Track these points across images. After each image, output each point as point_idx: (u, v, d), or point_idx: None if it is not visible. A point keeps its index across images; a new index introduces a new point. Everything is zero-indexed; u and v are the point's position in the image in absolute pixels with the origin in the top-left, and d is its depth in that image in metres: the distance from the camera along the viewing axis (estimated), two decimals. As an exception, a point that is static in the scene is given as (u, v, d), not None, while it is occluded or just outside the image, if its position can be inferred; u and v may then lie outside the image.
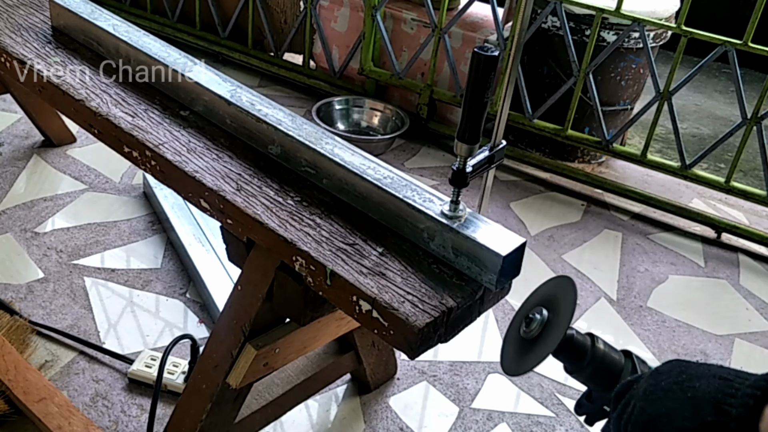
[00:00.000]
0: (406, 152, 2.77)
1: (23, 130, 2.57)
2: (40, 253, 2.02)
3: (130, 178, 2.38)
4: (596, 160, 2.83)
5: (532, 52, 2.65)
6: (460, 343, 1.88)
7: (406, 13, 2.82)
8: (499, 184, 2.62)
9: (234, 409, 1.34)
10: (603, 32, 2.46)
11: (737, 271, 2.33)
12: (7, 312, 1.78)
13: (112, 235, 2.12)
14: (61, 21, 1.61)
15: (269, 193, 1.17)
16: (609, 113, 2.65)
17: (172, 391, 1.64)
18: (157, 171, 1.25)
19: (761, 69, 3.45)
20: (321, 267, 1.03)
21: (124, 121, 1.31)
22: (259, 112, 1.27)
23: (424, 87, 2.76)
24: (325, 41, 2.96)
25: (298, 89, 3.11)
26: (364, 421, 1.66)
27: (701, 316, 2.11)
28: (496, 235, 1.02)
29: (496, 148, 1.13)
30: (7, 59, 1.51)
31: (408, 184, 1.12)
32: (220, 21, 3.14)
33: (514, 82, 1.19)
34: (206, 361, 1.29)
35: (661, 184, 2.73)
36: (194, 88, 1.35)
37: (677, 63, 2.30)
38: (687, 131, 3.49)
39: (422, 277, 1.02)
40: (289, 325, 1.27)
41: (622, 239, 2.41)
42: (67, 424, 1.46)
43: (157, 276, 1.99)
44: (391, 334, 0.97)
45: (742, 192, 2.40)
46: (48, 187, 2.30)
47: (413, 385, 1.77)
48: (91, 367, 1.71)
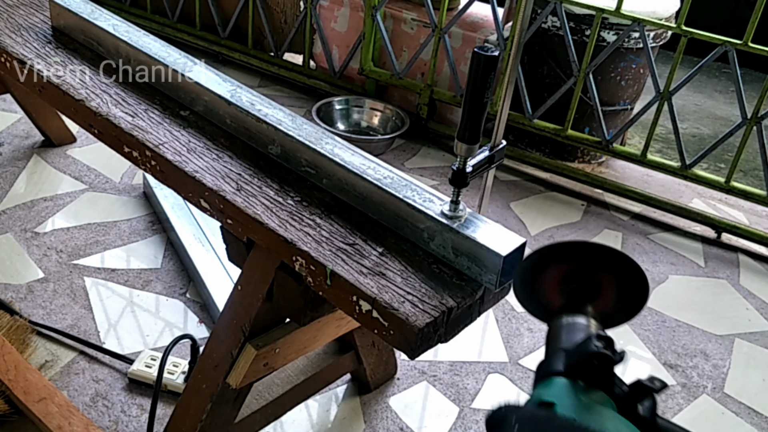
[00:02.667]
0: (406, 152, 2.77)
1: (23, 130, 2.57)
2: (40, 253, 2.02)
3: (130, 178, 2.38)
4: (596, 160, 2.83)
5: (532, 52, 2.65)
6: (460, 343, 1.87)
7: (406, 13, 2.82)
8: (499, 184, 2.62)
9: (234, 409, 1.34)
10: (603, 32, 2.46)
11: (737, 271, 2.32)
12: (7, 312, 1.78)
13: (112, 235, 2.12)
14: (61, 21, 1.61)
15: (269, 193, 1.17)
16: (609, 113, 2.65)
17: (172, 391, 1.64)
18: (157, 171, 1.25)
19: (761, 69, 3.45)
20: (321, 267, 1.03)
21: (124, 121, 1.31)
22: (259, 112, 1.27)
23: (424, 87, 2.76)
24: (325, 41, 2.96)
25: (298, 89, 3.11)
26: (364, 421, 1.66)
27: (701, 316, 2.11)
28: (496, 235, 1.02)
29: (496, 148, 1.14)
30: (7, 59, 1.51)
31: (408, 184, 1.12)
32: (220, 21, 3.14)
33: (514, 82, 1.20)
34: (206, 361, 1.29)
35: (661, 184, 2.73)
36: (194, 88, 1.35)
37: (677, 63, 2.30)
38: (687, 131, 3.49)
39: (422, 277, 1.02)
40: (289, 325, 1.27)
41: (622, 239, 2.41)
42: (67, 424, 1.46)
43: (157, 276, 1.99)
44: (391, 334, 0.97)
45: (742, 192, 2.40)
46: (48, 187, 2.30)
47: (413, 385, 1.77)
48: (91, 367, 1.71)
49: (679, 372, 1.91)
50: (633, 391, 0.69)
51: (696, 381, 1.88)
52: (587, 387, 0.69)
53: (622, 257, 0.78)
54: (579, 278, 0.80)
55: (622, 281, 0.79)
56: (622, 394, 0.70)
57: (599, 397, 0.68)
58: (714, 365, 1.94)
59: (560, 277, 0.81)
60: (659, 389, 0.69)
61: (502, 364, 1.85)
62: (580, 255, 0.79)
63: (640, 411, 0.70)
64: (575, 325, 0.76)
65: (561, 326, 0.77)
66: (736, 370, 1.94)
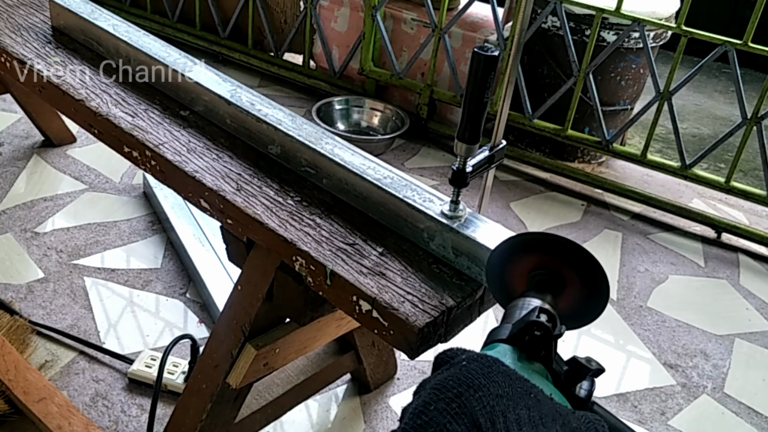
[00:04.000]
0: (406, 152, 2.77)
1: (23, 130, 2.57)
2: (40, 253, 2.02)
3: (130, 178, 2.38)
4: (596, 160, 2.83)
5: (532, 52, 2.65)
6: (460, 343, 1.87)
7: (406, 13, 2.82)
8: (499, 184, 2.62)
9: (234, 409, 1.34)
10: (603, 32, 2.46)
11: (737, 271, 2.33)
12: (7, 312, 1.78)
13: (112, 235, 2.12)
14: (61, 21, 1.61)
15: (269, 193, 1.17)
16: (609, 113, 2.65)
17: (172, 391, 1.64)
18: (157, 171, 1.25)
19: (761, 69, 3.45)
20: (321, 267, 1.03)
21: (124, 121, 1.31)
22: (259, 112, 1.27)
23: (424, 87, 2.76)
24: (325, 41, 2.96)
25: (298, 89, 3.11)
26: (364, 421, 1.66)
27: (701, 316, 2.11)
28: (497, 235, 1.02)
29: (496, 148, 1.13)
30: (7, 59, 1.51)
31: (408, 184, 1.12)
32: (220, 21, 3.14)
33: (514, 82, 1.19)
34: (206, 361, 1.29)
35: (661, 184, 2.73)
36: (194, 88, 1.35)
37: (677, 63, 2.30)
38: (687, 131, 3.49)
39: (422, 277, 1.02)
40: (289, 325, 1.27)
41: (622, 239, 2.41)
42: (67, 424, 1.46)
43: (157, 276, 1.99)
44: (391, 334, 0.97)
45: (742, 192, 2.40)
46: (48, 187, 2.30)
47: (413, 385, 1.77)
48: (91, 367, 1.71)
49: (679, 372, 1.91)
50: (571, 369, 0.71)
51: (696, 381, 1.88)
52: (528, 358, 0.71)
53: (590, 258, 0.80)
54: (545, 270, 0.82)
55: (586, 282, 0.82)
56: (561, 372, 0.72)
57: (538, 368, 0.71)
58: (714, 365, 1.94)
59: (529, 268, 0.84)
60: (595, 370, 0.71)
61: (502, 364, 1.85)
62: (551, 248, 0.82)
63: (577, 392, 0.72)
64: (530, 303, 0.79)
65: (516, 305, 0.80)
66: (736, 370, 1.94)
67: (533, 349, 0.72)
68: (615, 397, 1.81)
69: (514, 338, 0.73)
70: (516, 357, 0.71)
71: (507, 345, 0.73)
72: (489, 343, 0.75)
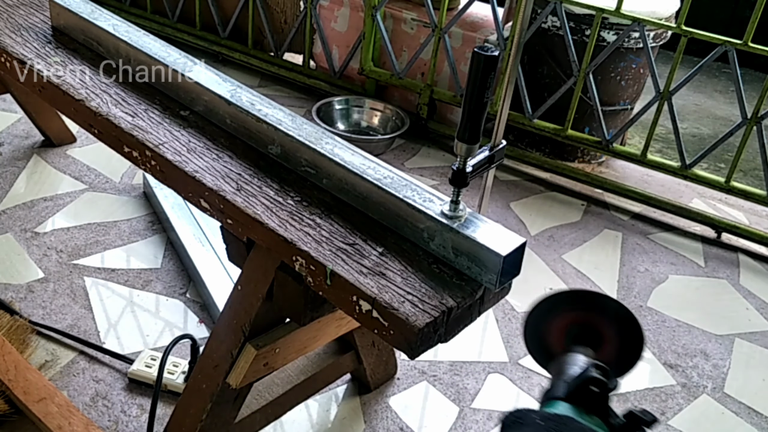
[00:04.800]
0: (406, 152, 2.77)
1: (23, 130, 2.57)
2: (40, 253, 2.02)
3: (130, 178, 2.38)
4: (596, 160, 2.83)
5: (532, 52, 2.65)
6: (460, 343, 1.87)
7: (406, 13, 2.82)
8: (499, 184, 2.62)
9: (234, 409, 1.34)
10: (603, 32, 2.46)
11: (737, 271, 2.33)
12: (7, 312, 1.78)
13: (112, 235, 2.12)
14: (61, 21, 1.61)
15: (269, 193, 1.17)
16: (609, 113, 2.65)
17: (172, 391, 1.64)
18: (157, 171, 1.25)
19: (761, 69, 3.45)
20: (321, 267, 1.03)
21: (124, 121, 1.31)
22: (259, 112, 1.27)
23: (424, 87, 2.76)
24: (325, 41, 2.96)
25: (298, 89, 3.11)
26: (364, 421, 1.66)
27: (701, 316, 2.11)
28: (496, 235, 1.02)
29: (496, 148, 1.14)
30: (7, 59, 1.51)
31: (408, 184, 1.12)
32: (220, 21, 3.14)
33: (514, 82, 1.20)
34: (206, 361, 1.29)
35: (661, 184, 2.73)
36: (194, 88, 1.35)
37: (677, 63, 2.31)
38: (687, 131, 3.49)
39: (422, 277, 1.02)
40: (289, 325, 1.27)
41: (622, 239, 2.41)
42: (67, 424, 1.46)
43: (157, 276, 1.99)
44: (391, 334, 0.97)
45: (742, 192, 2.40)
46: (48, 187, 2.30)
47: (413, 385, 1.77)
48: (91, 367, 1.71)
49: (679, 372, 1.91)
50: (627, 422, 0.75)
51: (696, 381, 1.89)
52: (587, 412, 0.74)
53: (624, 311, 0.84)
54: (582, 325, 0.86)
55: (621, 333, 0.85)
56: (617, 425, 0.75)
57: (597, 422, 0.74)
58: (714, 365, 1.94)
59: (566, 325, 0.88)
60: (651, 422, 0.74)
61: (502, 364, 1.85)
62: (586, 303, 0.86)
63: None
64: (577, 359, 0.82)
65: (564, 361, 0.83)
66: (736, 370, 1.94)
67: (590, 404, 0.76)
68: (615, 397, 1.81)
69: (573, 395, 0.77)
70: (577, 413, 0.74)
71: (566, 402, 0.76)
72: (547, 401, 0.79)
